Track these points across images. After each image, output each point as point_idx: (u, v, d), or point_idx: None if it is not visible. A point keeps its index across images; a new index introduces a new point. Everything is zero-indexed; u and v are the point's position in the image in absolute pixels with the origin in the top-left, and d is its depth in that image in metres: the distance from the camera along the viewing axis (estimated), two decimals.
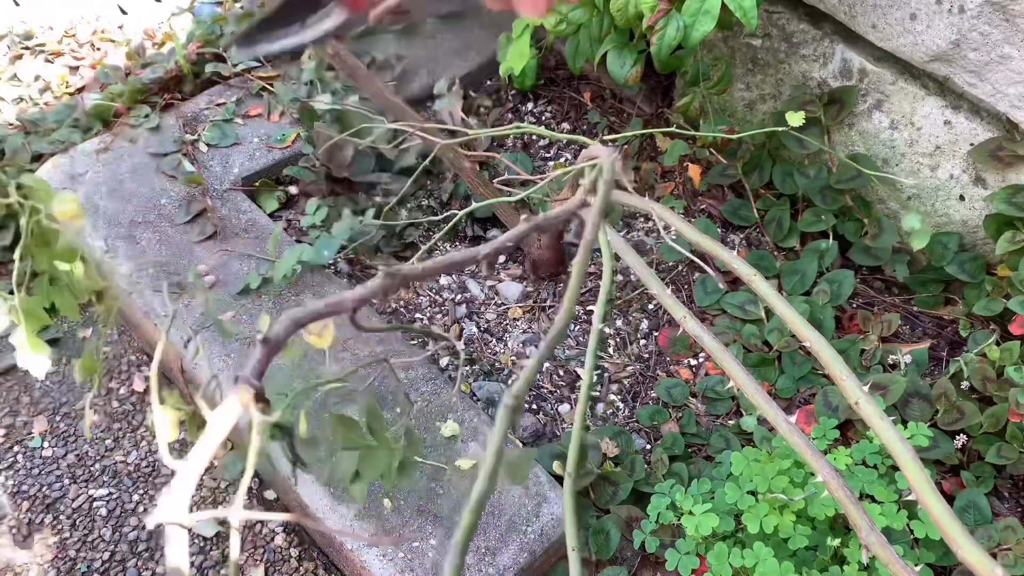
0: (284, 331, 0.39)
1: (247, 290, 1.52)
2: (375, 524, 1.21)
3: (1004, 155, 1.37)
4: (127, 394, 1.55)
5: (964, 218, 1.50)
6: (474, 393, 1.48)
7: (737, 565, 1.06)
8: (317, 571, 1.33)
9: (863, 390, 0.59)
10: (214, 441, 0.36)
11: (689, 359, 1.54)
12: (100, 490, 1.42)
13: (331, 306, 0.42)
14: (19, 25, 2.30)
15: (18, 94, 2.08)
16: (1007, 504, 1.30)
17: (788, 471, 1.10)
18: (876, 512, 1.07)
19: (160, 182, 1.71)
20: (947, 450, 1.29)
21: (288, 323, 0.40)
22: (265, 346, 0.39)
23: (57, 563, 1.33)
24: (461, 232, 1.74)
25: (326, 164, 1.76)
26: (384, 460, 0.57)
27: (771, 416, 0.65)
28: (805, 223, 1.62)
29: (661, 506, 1.19)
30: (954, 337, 1.50)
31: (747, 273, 0.71)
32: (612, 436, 1.37)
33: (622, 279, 1.67)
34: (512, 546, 1.20)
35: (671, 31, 1.30)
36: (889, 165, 1.56)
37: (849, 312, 1.55)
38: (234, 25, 2.06)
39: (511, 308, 1.62)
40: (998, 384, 1.31)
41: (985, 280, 1.46)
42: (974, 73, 1.33)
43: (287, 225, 1.70)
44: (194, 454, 0.35)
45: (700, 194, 1.77)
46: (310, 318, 0.41)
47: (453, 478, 1.27)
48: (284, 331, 0.39)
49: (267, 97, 1.90)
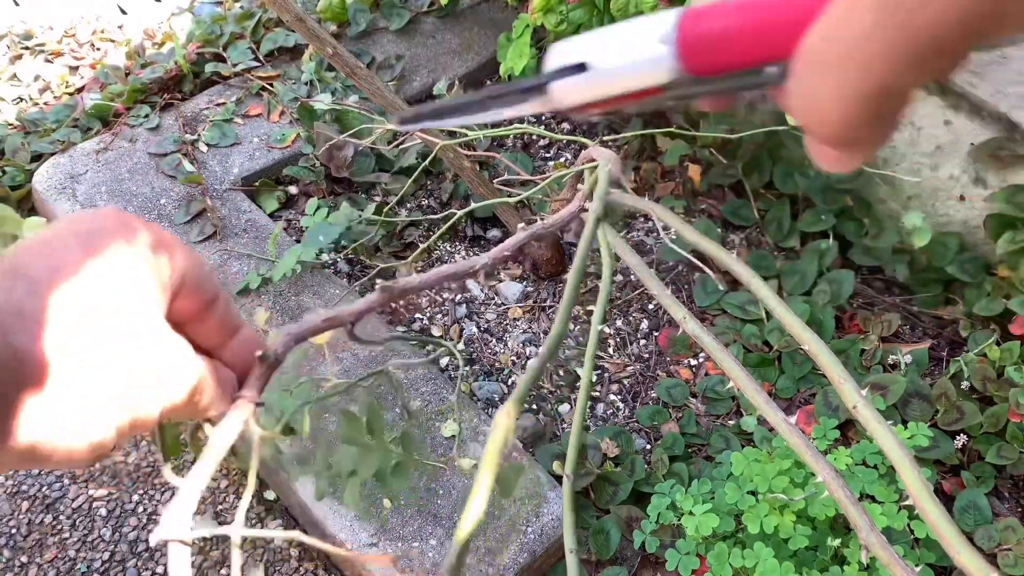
0: (283, 347, 0.40)
1: (247, 290, 1.52)
2: (375, 525, 1.21)
3: (1004, 155, 1.37)
4: None
5: (964, 218, 1.50)
6: (474, 393, 1.47)
7: (737, 565, 1.06)
8: (317, 571, 1.33)
9: (862, 395, 0.59)
10: (215, 458, 0.36)
11: (689, 359, 1.54)
12: (100, 490, 1.42)
13: (329, 321, 0.43)
14: (19, 25, 2.30)
15: (18, 94, 2.07)
16: (1007, 504, 1.30)
17: (788, 471, 1.10)
18: (876, 512, 1.07)
19: (160, 182, 1.71)
20: (947, 450, 1.28)
21: (287, 339, 0.40)
22: (263, 363, 0.39)
23: (57, 563, 1.33)
24: (461, 232, 1.74)
25: (326, 164, 1.76)
26: (381, 459, 0.57)
27: (771, 416, 0.65)
28: (805, 223, 1.62)
29: (661, 506, 1.19)
30: (954, 337, 1.50)
31: (746, 275, 0.71)
32: (612, 436, 1.37)
33: (622, 279, 1.66)
34: (512, 546, 1.20)
35: None
36: (889, 165, 1.56)
37: (849, 312, 1.54)
38: (234, 25, 2.06)
39: (511, 308, 1.62)
40: (998, 384, 1.31)
41: (985, 280, 1.46)
42: (974, 73, 1.33)
43: (287, 225, 1.70)
44: (196, 471, 0.36)
45: (700, 194, 1.77)
46: (308, 333, 0.42)
47: (453, 478, 1.27)
48: (283, 347, 0.40)
49: (267, 97, 1.90)
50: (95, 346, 0.32)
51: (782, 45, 0.24)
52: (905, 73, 0.27)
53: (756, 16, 0.24)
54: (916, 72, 0.27)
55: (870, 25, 0.26)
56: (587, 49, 0.24)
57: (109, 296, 0.33)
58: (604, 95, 0.26)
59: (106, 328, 0.33)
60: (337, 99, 1.86)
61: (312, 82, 1.91)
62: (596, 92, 0.25)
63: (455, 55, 2.05)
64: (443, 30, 2.10)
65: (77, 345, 0.32)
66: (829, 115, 0.29)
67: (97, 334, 0.32)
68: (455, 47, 2.07)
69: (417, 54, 2.05)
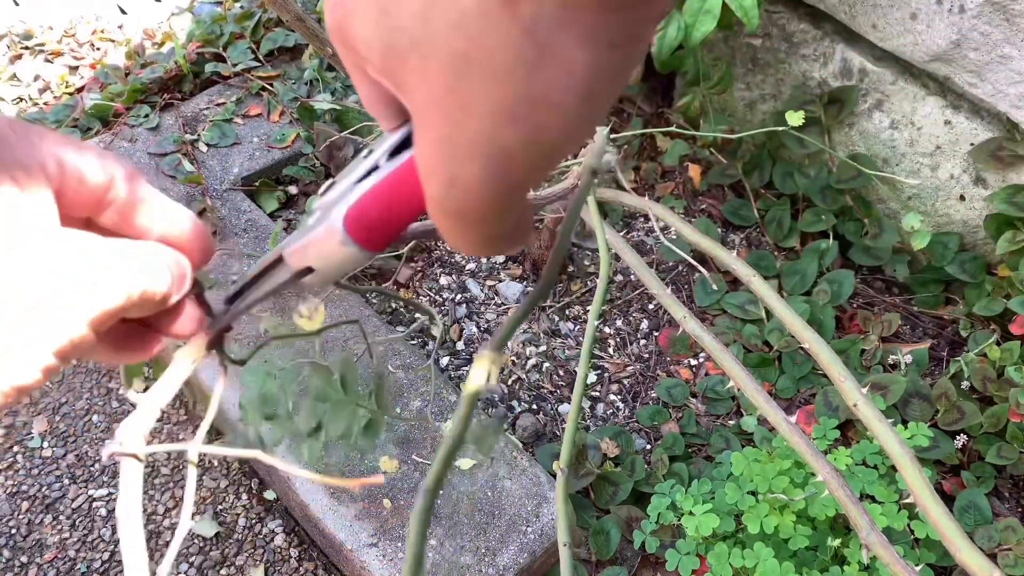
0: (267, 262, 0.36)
1: None
2: (375, 524, 1.21)
3: (1004, 155, 1.37)
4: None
5: (964, 218, 1.50)
6: None
7: (737, 565, 1.06)
8: (317, 571, 1.33)
9: (862, 392, 0.59)
10: (176, 376, 0.34)
11: (689, 359, 1.54)
12: (100, 490, 1.42)
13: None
14: (19, 25, 2.30)
15: (18, 94, 2.07)
16: (1007, 504, 1.30)
17: (788, 471, 1.10)
18: (876, 512, 1.06)
19: (160, 182, 1.71)
20: (947, 450, 1.28)
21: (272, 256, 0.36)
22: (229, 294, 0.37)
23: (57, 563, 1.33)
24: None
25: (326, 164, 1.76)
26: (350, 414, 0.56)
27: (771, 416, 0.64)
28: (805, 223, 1.62)
29: (661, 506, 1.19)
30: (954, 337, 1.50)
31: (746, 274, 0.71)
32: (612, 436, 1.37)
33: (622, 279, 1.66)
34: (512, 546, 1.20)
35: (672, 31, 1.30)
36: (889, 165, 1.56)
37: (849, 312, 1.54)
38: (234, 25, 2.06)
39: (511, 308, 1.62)
40: (998, 384, 1.31)
41: (985, 280, 1.46)
42: (974, 73, 1.33)
43: (287, 225, 1.70)
44: (156, 388, 0.34)
45: (700, 194, 1.77)
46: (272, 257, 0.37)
47: (453, 477, 1.27)
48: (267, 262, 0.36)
49: (267, 97, 1.90)
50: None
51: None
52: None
53: (399, 190, 0.30)
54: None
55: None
56: (306, 255, 0.32)
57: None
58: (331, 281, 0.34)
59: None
60: (337, 99, 1.86)
61: (312, 82, 1.91)
62: (323, 280, 0.33)
63: None
64: None
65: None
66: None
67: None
68: None
69: None
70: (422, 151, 0.24)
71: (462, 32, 0.20)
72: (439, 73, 0.21)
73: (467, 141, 0.22)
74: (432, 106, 0.22)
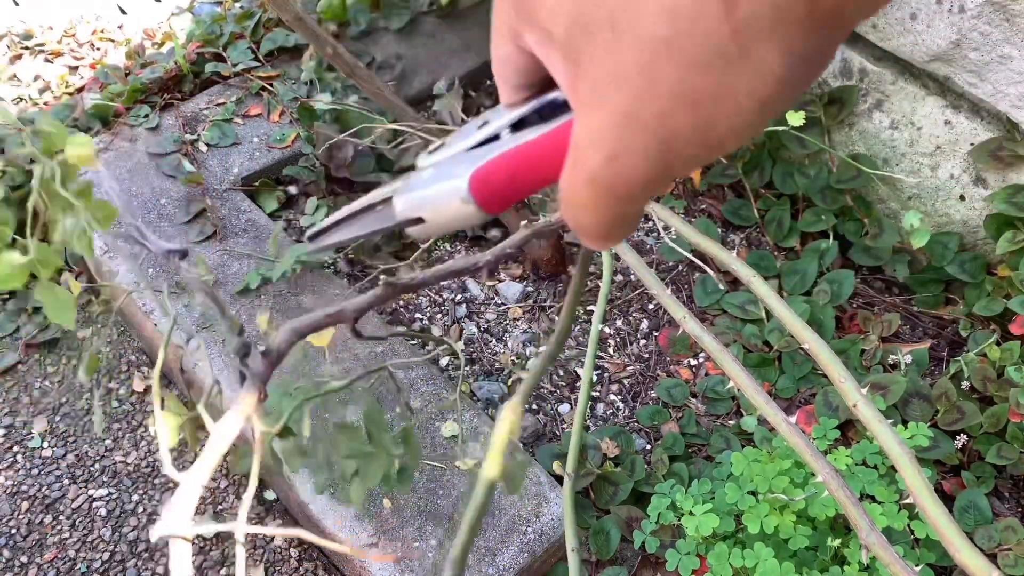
0: (285, 342, 0.40)
1: (247, 290, 1.52)
2: (375, 525, 1.21)
3: (1004, 155, 1.37)
4: (127, 394, 1.55)
5: (964, 218, 1.50)
6: (474, 393, 1.47)
7: (737, 565, 1.06)
8: (317, 571, 1.33)
9: (862, 393, 0.59)
10: (216, 453, 0.36)
11: (689, 359, 1.54)
12: (100, 490, 1.42)
13: (332, 317, 0.42)
14: (19, 25, 2.30)
15: (18, 94, 2.07)
16: (1007, 504, 1.30)
17: (788, 471, 1.10)
18: (876, 512, 1.06)
19: (160, 182, 1.71)
20: (947, 450, 1.28)
21: (289, 334, 0.40)
22: (266, 358, 0.39)
23: (57, 563, 1.33)
24: (461, 231, 1.74)
25: (326, 164, 1.76)
26: (384, 465, 0.57)
27: (771, 416, 0.65)
28: (805, 223, 1.62)
29: (661, 506, 1.19)
30: (954, 337, 1.50)
31: (746, 274, 0.71)
32: (612, 436, 1.37)
33: (622, 279, 1.66)
34: (512, 546, 1.20)
35: None
36: (889, 165, 1.56)
37: (849, 312, 1.54)
38: (234, 25, 2.06)
39: (511, 308, 1.62)
40: (998, 384, 1.31)
41: (985, 280, 1.46)
42: (974, 73, 1.33)
43: (287, 225, 1.70)
44: (197, 467, 0.35)
45: (700, 194, 1.77)
46: (310, 328, 0.41)
47: (453, 478, 1.27)
48: (285, 342, 0.40)
49: (267, 97, 1.90)
50: None
51: (555, 174, 0.29)
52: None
53: (529, 161, 0.31)
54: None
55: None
56: (421, 206, 0.33)
57: None
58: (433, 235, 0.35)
59: None
60: (337, 99, 1.86)
61: (312, 82, 1.91)
62: (428, 232, 0.34)
63: (455, 55, 2.05)
64: (443, 30, 2.10)
65: None
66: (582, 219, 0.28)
67: None
68: (455, 47, 2.07)
69: (417, 54, 2.05)
70: (590, 122, 0.24)
71: (669, 18, 0.21)
72: (633, 51, 0.22)
73: (645, 119, 0.23)
74: (614, 81, 0.23)
